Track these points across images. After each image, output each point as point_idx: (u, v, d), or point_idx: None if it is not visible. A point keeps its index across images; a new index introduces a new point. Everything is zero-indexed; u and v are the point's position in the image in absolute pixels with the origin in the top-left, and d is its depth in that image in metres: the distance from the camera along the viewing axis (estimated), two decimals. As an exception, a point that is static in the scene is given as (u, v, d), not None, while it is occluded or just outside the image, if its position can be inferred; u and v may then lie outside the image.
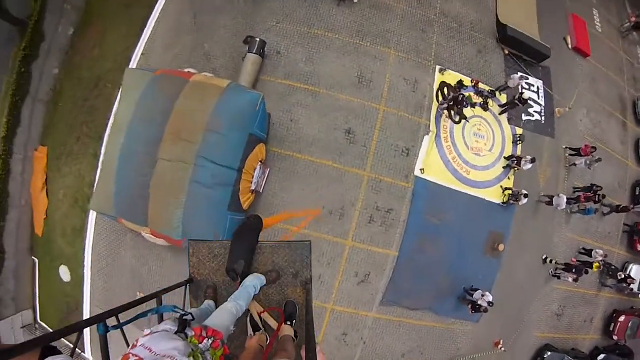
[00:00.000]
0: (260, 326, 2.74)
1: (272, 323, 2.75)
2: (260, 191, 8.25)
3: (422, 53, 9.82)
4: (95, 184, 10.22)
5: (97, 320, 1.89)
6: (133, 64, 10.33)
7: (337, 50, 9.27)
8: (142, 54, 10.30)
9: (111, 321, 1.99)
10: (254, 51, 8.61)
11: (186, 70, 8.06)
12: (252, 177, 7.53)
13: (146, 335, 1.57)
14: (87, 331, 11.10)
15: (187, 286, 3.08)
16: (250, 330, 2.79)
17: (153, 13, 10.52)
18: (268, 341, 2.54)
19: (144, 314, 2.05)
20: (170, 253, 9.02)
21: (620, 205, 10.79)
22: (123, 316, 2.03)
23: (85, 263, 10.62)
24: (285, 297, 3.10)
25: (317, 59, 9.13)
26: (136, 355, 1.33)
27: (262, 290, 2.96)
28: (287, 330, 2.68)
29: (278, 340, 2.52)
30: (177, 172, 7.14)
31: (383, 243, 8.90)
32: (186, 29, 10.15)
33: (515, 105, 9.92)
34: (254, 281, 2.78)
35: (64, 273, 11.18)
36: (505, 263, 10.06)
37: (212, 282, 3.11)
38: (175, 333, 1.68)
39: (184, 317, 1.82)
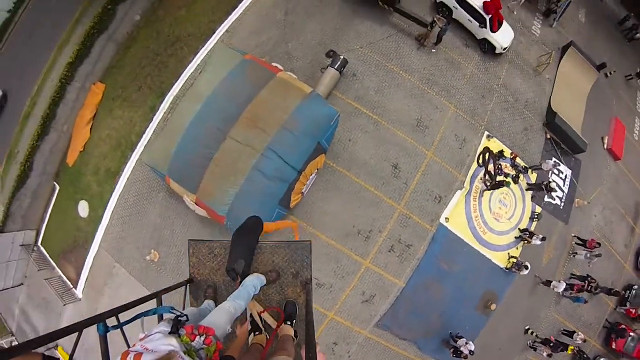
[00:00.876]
0: (261, 326, 2.76)
1: (272, 323, 2.75)
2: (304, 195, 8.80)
3: (477, 116, 10.67)
4: (145, 136, 10.60)
5: (97, 320, 1.93)
6: (216, 37, 10.81)
7: (406, 90, 10.02)
8: (226, 30, 10.80)
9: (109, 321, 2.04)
10: (335, 67, 9.25)
11: (273, 64, 8.60)
12: (307, 181, 8.08)
13: (142, 338, 1.60)
14: (87, 267, 11.28)
15: (187, 286, 3.10)
16: (247, 320, 2.83)
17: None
18: (267, 340, 2.56)
19: (143, 314, 2.07)
20: (199, 224, 9.39)
21: (613, 289, 11.59)
22: (123, 316, 2.08)
23: (108, 205, 10.85)
24: (285, 297, 3.11)
25: (387, 92, 9.84)
26: (135, 351, 1.38)
27: (262, 290, 2.95)
28: (287, 330, 2.71)
29: (278, 340, 2.55)
30: (243, 155, 7.63)
31: (395, 273, 9.54)
32: (275, 23, 10.73)
33: (541, 189, 10.84)
34: (254, 281, 2.77)
35: (83, 209, 11.34)
36: (491, 322, 10.83)
37: (212, 282, 3.11)
38: (170, 334, 1.70)
39: (179, 319, 1.85)
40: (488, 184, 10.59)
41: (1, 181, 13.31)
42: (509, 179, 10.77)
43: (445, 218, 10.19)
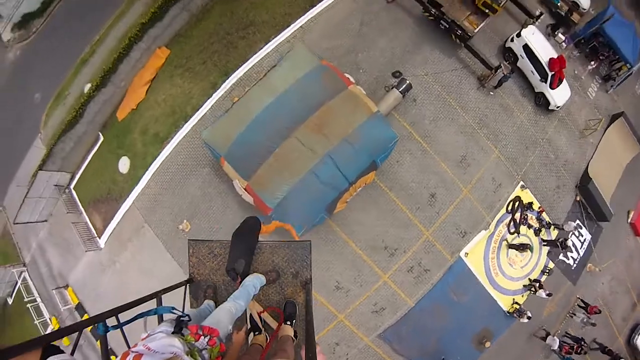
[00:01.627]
0: (260, 326, 2.84)
1: (272, 323, 2.82)
2: (343, 203, 9.76)
3: (516, 165, 11.58)
4: (201, 110, 11.43)
5: (97, 320, 1.98)
6: (288, 31, 11.55)
7: (458, 126, 10.87)
8: (301, 26, 11.56)
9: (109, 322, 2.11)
10: (400, 90, 10.07)
11: (346, 75, 9.44)
12: (355, 193, 9.02)
13: (144, 338, 1.64)
14: (116, 220, 12.19)
15: (187, 286, 3.21)
16: (244, 326, 2.91)
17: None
18: (267, 341, 2.64)
19: (143, 315, 2.13)
20: (238, 208, 10.26)
21: (607, 347, 12.31)
22: (123, 316, 2.15)
23: (150, 167, 11.72)
24: (285, 297, 3.20)
25: (440, 123, 10.70)
26: (135, 352, 1.40)
27: (262, 290, 3.03)
28: (287, 330, 2.79)
29: (277, 341, 2.62)
30: (303, 156, 8.51)
31: (408, 292, 10.55)
32: (349, 31, 11.47)
33: (556, 247, 11.82)
34: (253, 281, 2.85)
35: (124, 164, 12.22)
36: (483, 358, 11.96)
37: (212, 282, 3.23)
38: (172, 334, 1.76)
39: (181, 319, 1.91)
40: (511, 235, 11.53)
41: (45, 119, 14.20)
42: (532, 244, 11.70)
43: (465, 253, 11.17)
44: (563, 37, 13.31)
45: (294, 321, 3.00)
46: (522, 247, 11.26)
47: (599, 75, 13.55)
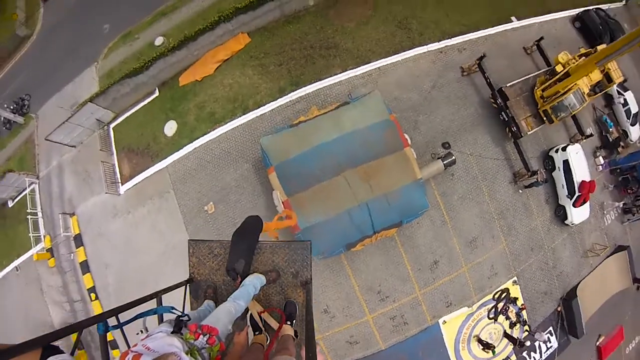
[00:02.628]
0: (261, 326, 2.99)
1: (273, 323, 2.95)
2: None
3: (517, 261, 13.29)
4: (262, 109, 12.73)
5: (97, 320, 2.09)
6: (367, 68, 12.85)
7: (480, 211, 12.47)
8: (379, 68, 12.93)
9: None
10: (445, 162, 11.61)
11: (405, 136, 10.90)
12: (375, 240, 10.60)
13: (144, 338, 1.72)
14: (144, 175, 13.47)
15: (187, 286, 3.37)
16: (245, 328, 3.07)
17: (412, 50, 13.19)
18: (269, 341, 2.76)
19: (143, 315, 2.22)
20: (264, 212, 11.73)
21: None
22: (123, 316, 2.25)
23: (195, 142, 13.01)
24: (285, 297, 3.35)
25: (467, 203, 12.30)
26: (135, 352, 1.48)
27: (262, 290, 3.19)
28: (287, 329, 2.94)
29: (279, 340, 2.77)
30: (345, 196, 9.94)
31: (384, 336, 12.18)
32: (420, 90, 12.87)
33: (515, 344, 13.66)
34: (254, 281, 3.00)
35: (170, 128, 13.46)
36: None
37: (212, 282, 3.37)
38: (172, 333, 1.85)
39: (181, 318, 2.00)
40: (489, 319, 13.29)
41: (107, 52, 15.33)
42: (505, 322, 13.56)
43: (444, 321, 12.87)
44: (602, 161, 15.02)
45: (294, 321, 3.18)
46: (487, 347, 13.04)
47: (620, 204, 15.37)
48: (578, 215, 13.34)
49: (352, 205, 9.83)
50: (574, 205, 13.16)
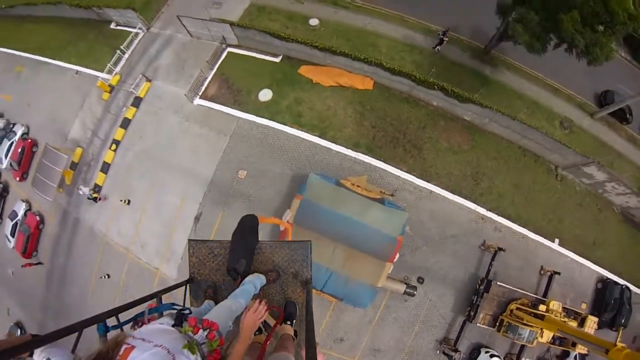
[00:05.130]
0: (261, 326, 3.34)
1: (273, 323, 3.37)
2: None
3: None
4: (335, 147, 17.03)
5: (97, 320, 2.39)
6: (422, 183, 16.94)
7: (400, 339, 17.26)
8: (430, 191, 17.05)
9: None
10: (406, 290, 16.16)
11: (398, 255, 15.35)
12: (317, 295, 15.45)
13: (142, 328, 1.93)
14: (219, 107, 17.98)
15: (187, 286, 3.88)
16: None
17: (465, 200, 17.25)
18: (266, 337, 3.09)
19: (143, 314, 2.52)
20: (279, 203, 16.26)
21: None
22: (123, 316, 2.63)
23: (272, 125, 17.12)
24: (285, 297, 3.84)
25: (397, 325, 16.96)
26: (128, 344, 1.61)
27: (262, 290, 3.69)
28: (287, 329, 3.43)
29: (278, 340, 3.24)
30: (325, 256, 14.48)
31: None
32: (441, 230, 17.04)
33: None
34: (254, 281, 3.48)
35: (264, 95, 17.45)
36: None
37: (212, 282, 3.89)
38: (173, 326, 2.11)
39: (182, 312, 2.29)
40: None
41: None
42: None
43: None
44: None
45: (294, 321, 3.61)
46: None
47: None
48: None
49: (324, 264, 14.57)
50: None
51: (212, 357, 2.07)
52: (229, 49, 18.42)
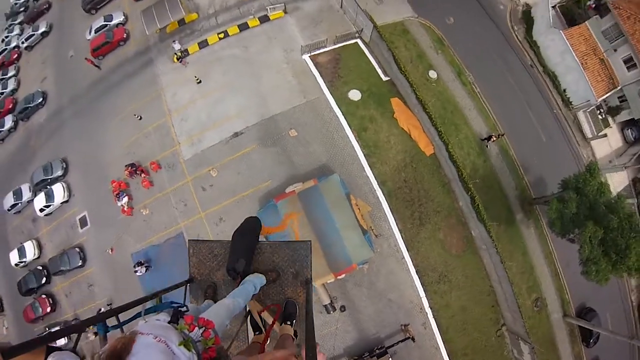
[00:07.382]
0: (261, 326, 3.73)
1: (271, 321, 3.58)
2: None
3: None
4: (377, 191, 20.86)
5: (97, 320, 2.59)
6: (415, 279, 20.76)
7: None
8: (413, 291, 20.78)
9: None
10: (328, 303, 20.03)
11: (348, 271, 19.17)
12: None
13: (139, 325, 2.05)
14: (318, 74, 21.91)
15: (187, 286, 4.18)
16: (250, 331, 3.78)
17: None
18: (265, 335, 3.39)
19: (143, 313, 2.63)
20: (290, 178, 20.15)
21: None
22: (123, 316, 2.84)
23: (341, 118, 21.11)
24: (285, 297, 4.11)
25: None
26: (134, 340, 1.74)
27: (262, 290, 3.97)
28: (287, 329, 3.69)
29: (278, 340, 3.50)
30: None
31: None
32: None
33: None
34: (254, 280, 3.75)
35: (353, 95, 21.28)
36: None
37: (212, 282, 4.18)
38: (169, 323, 2.28)
39: (179, 309, 2.51)
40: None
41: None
42: None
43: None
44: None
45: (294, 321, 3.90)
46: None
47: None
48: None
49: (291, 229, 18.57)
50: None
51: (207, 355, 2.24)
52: (358, 41, 22.12)
